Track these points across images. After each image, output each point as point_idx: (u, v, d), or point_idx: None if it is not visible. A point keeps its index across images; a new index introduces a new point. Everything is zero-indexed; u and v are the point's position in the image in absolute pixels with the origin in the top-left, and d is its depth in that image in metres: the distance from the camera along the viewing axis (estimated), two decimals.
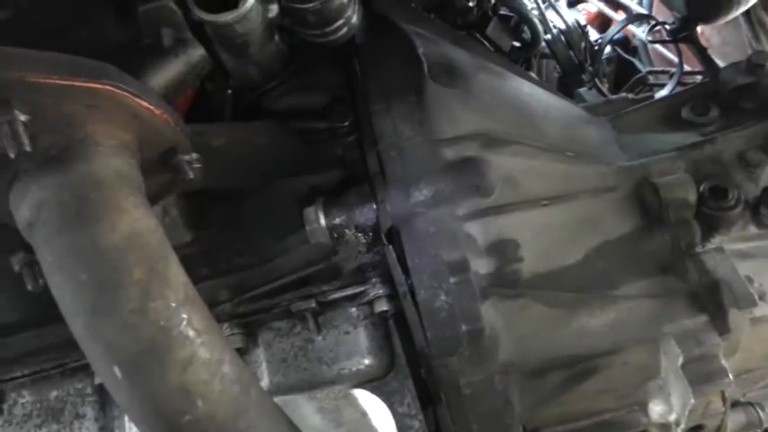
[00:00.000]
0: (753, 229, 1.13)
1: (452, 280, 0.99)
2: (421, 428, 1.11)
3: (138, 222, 0.73)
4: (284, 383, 1.12)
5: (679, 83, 1.87)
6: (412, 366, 1.12)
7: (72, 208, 0.71)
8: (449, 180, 1.05)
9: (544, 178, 1.11)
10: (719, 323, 1.06)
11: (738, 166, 1.16)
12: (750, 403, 1.20)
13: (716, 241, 1.11)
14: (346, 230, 1.06)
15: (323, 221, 1.05)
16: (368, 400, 1.19)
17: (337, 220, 1.06)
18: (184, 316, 0.72)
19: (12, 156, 0.65)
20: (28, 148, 0.65)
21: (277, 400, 0.85)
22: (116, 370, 0.69)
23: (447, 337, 0.99)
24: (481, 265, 1.03)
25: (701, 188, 1.10)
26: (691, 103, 1.25)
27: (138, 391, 0.71)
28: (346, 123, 1.18)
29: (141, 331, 0.68)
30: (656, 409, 1.17)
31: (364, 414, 1.22)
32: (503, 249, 1.05)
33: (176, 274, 0.75)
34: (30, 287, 0.97)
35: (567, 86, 1.91)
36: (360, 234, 1.06)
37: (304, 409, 1.18)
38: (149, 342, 0.69)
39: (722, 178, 1.13)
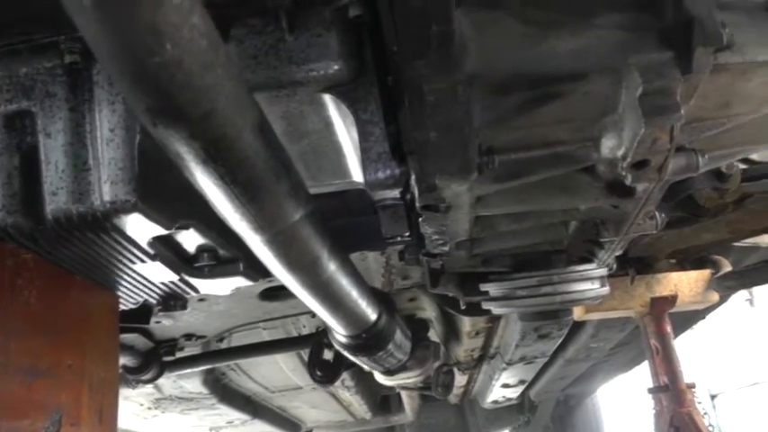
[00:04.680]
0: None
1: None
2: (381, 135, 1.16)
3: None
4: (254, 80, 1.14)
5: None
6: (379, 74, 1.13)
7: None
8: None
9: None
10: (684, 61, 1.08)
11: None
12: (693, 149, 1.27)
13: None
14: None
15: None
16: (333, 110, 1.22)
17: None
18: None
19: None
20: None
21: None
22: None
23: (417, 36, 1.00)
24: None
25: None
26: None
27: (107, 23, 0.70)
28: None
29: None
30: (607, 144, 1.23)
31: (328, 124, 1.26)
32: None
33: None
34: None
35: None
36: None
37: (268, 112, 1.21)
38: None
39: None
